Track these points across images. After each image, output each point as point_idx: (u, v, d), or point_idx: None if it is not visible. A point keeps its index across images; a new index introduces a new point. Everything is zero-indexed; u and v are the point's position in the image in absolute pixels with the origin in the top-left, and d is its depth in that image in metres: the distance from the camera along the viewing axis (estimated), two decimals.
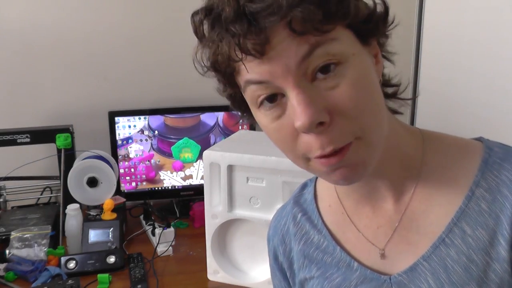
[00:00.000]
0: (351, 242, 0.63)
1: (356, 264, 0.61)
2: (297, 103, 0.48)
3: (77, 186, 1.45)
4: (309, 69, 0.49)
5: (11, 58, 1.64)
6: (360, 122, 0.50)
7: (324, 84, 0.49)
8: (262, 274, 1.23)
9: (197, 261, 1.35)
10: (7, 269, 1.27)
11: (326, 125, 0.49)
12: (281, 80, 0.49)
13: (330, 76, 0.49)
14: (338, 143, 0.50)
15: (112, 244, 1.38)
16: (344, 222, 0.64)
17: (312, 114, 0.48)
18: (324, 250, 0.65)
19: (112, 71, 1.73)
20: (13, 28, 1.62)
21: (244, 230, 1.23)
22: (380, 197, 0.61)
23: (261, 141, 1.26)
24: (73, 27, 1.66)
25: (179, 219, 1.62)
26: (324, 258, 0.65)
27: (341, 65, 0.49)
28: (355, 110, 0.49)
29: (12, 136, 1.48)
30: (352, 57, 0.50)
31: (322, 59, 0.48)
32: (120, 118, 1.61)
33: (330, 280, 0.63)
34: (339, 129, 0.49)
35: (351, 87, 0.49)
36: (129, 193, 1.66)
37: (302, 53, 0.48)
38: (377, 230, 0.61)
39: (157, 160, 1.66)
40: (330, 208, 0.67)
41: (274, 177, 1.13)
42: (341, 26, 0.49)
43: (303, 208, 0.69)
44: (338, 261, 0.63)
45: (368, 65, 0.52)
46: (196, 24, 0.54)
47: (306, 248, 0.67)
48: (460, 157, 0.59)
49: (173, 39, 1.74)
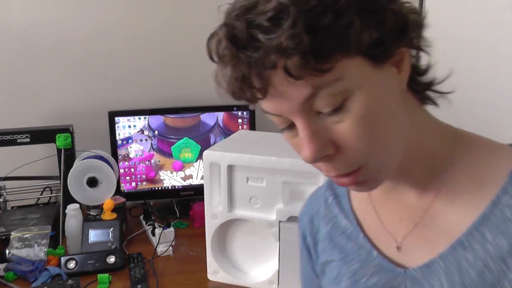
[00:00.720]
0: (372, 231, 0.64)
1: (376, 253, 0.62)
2: (302, 138, 0.51)
3: (77, 186, 1.45)
4: (313, 107, 0.49)
5: (11, 58, 1.64)
6: (364, 154, 0.51)
7: (329, 118, 0.50)
8: (262, 274, 1.23)
9: (197, 261, 1.35)
10: (7, 269, 1.27)
11: (330, 156, 0.51)
12: (288, 115, 0.51)
13: (335, 111, 0.49)
14: (344, 170, 0.52)
15: (112, 244, 1.38)
16: (369, 211, 0.65)
17: (315, 149, 0.50)
18: (349, 235, 0.66)
19: (112, 71, 1.73)
20: (13, 28, 1.62)
21: (244, 230, 1.23)
22: (404, 191, 0.61)
23: (261, 141, 1.26)
24: (73, 27, 1.66)
25: (179, 219, 1.62)
26: (347, 243, 0.66)
27: (347, 100, 0.49)
28: (357, 144, 0.50)
29: (12, 136, 1.48)
30: (358, 90, 0.49)
31: (325, 100, 0.48)
32: (120, 118, 1.61)
33: (349, 265, 0.65)
34: (343, 160, 0.51)
35: (354, 124, 0.49)
36: (129, 193, 1.66)
37: (304, 96, 0.48)
38: (399, 223, 0.62)
39: (157, 160, 1.66)
40: (358, 195, 0.68)
41: (274, 177, 1.13)
42: (345, 59, 0.48)
43: (335, 192, 0.71)
44: (360, 248, 0.64)
45: (379, 91, 0.51)
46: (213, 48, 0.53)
47: (332, 231, 0.68)
48: (491, 161, 0.57)
49: (173, 39, 1.74)
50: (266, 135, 1.34)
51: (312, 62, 0.45)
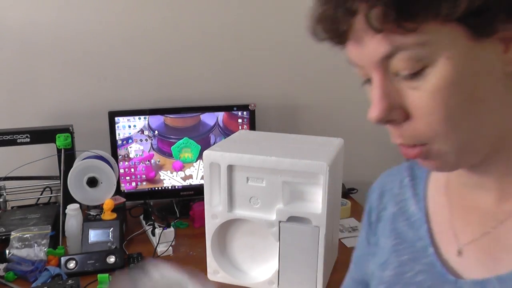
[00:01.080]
0: (438, 226, 0.59)
1: (432, 251, 0.57)
2: (373, 95, 0.48)
3: (77, 186, 1.45)
4: (391, 67, 0.46)
5: (11, 58, 1.64)
6: (433, 130, 0.46)
7: (405, 82, 0.46)
8: (262, 274, 1.23)
9: (197, 261, 1.34)
10: (7, 269, 1.27)
11: (398, 122, 0.48)
12: (367, 67, 0.48)
13: (413, 76, 0.45)
14: (409, 141, 0.49)
15: (112, 244, 1.38)
16: (442, 204, 0.60)
17: (382, 111, 0.47)
18: (412, 223, 0.61)
19: (112, 71, 1.72)
20: (13, 28, 1.62)
21: (244, 230, 1.23)
22: (482, 195, 0.54)
23: (261, 141, 1.26)
24: (73, 27, 1.66)
25: (179, 219, 1.62)
26: (407, 231, 0.61)
27: (428, 68, 0.44)
28: (428, 118, 0.46)
29: (12, 136, 1.48)
30: (444, 61, 0.43)
31: (403, 63, 0.44)
32: (120, 118, 1.61)
33: (398, 254, 0.61)
34: (411, 130, 0.48)
35: (429, 95, 0.45)
36: (129, 193, 1.66)
37: (382, 53, 0.45)
38: (466, 226, 0.56)
39: (157, 160, 1.66)
40: (437, 184, 0.62)
41: (274, 177, 1.13)
42: (434, 23, 0.42)
43: (414, 174, 0.65)
44: (418, 239, 0.59)
45: (470, 68, 0.44)
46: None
47: (398, 214, 0.64)
48: None
49: (174, 39, 1.74)
50: (266, 135, 1.34)
51: (393, 16, 0.42)
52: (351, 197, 1.83)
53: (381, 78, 0.47)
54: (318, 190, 1.10)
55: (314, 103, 1.93)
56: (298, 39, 1.87)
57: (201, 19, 1.75)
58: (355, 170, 1.87)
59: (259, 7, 1.79)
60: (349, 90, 1.94)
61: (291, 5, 1.82)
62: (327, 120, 1.95)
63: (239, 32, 1.79)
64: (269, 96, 1.87)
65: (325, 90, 1.92)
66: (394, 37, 0.43)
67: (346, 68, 0.53)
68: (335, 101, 1.95)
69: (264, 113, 1.83)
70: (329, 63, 1.89)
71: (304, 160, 1.09)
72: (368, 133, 2.00)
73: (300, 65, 1.88)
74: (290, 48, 1.85)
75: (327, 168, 1.07)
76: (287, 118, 1.92)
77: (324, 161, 1.08)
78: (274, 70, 1.86)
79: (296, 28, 1.86)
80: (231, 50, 1.79)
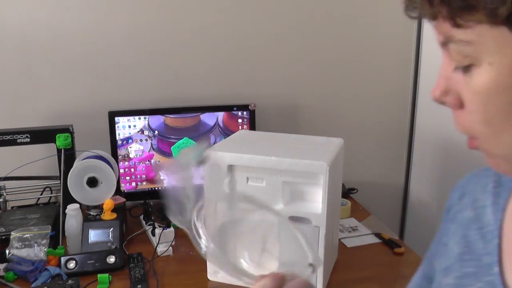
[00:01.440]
0: (509, 245, 0.55)
1: (497, 270, 0.53)
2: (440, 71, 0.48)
3: (77, 186, 1.45)
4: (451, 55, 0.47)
5: (11, 58, 1.64)
6: (476, 130, 0.46)
7: (461, 74, 0.46)
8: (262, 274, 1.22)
9: (197, 261, 1.34)
10: (7, 269, 1.27)
11: (451, 107, 0.48)
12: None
13: (464, 70, 0.45)
14: (461, 129, 0.48)
15: (112, 244, 1.38)
16: None
17: (437, 92, 0.48)
18: (484, 234, 0.57)
19: (112, 71, 1.72)
20: (12, 28, 1.62)
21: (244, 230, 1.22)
22: None
23: (261, 141, 1.26)
24: (73, 27, 1.66)
25: None
26: (477, 241, 0.58)
27: (474, 66, 0.44)
28: (471, 116, 0.46)
29: (12, 136, 1.48)
30: (487, 66, 0.42)
31: (455, 55, 0.45)
32: (120, 118, 1.61)
33: (462, 265, 0.58)
34: (461, 118, 0.48)
35: (472, 96, 0.45)
36: (129, 193, 1.66)
37: (440, 39, 0.46)
38: None
39: (157, 160, 1.66)
40: None
41: (274, 177, 1.13)
42: (485, 24, 0.41)
43: (500, 181, 0.61)
44: (486, 254, 0.56)
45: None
46: None
47: (473, 220, 0.61)
48: None
49: (174, 39, 1.74)
50: (266, 135, 1.34)
51: (445, 7, 0.42)
52: (351, 197, 1.83)
53: (446, 61, 0.47)
54: (318, 190, 1.10)
55: (314, 103, 1.93)
56: (298, 39, 1.88)
57: (201, 19, 1.75)
58: (355, 170, 1.88)
59: (259, 7, 1.79)
60: (349, 90, 1.95)
61: (291, 5, 1.82)
62: (327, 120, 1.95)
63: (239, 32, 1.79)
64: (269, 96, 1.87)
65: (325, 90, 1.92)
66: (445, 27, 0.44)
67: (346, 68, 0.53)
68: (335, 101, 1.95)
69: (264, 113, 1.83)
70: (329, 63, 1.90)
71: (304, 160, 1.09)
72: (368, 133, 2.00)
73: (300, 65, 1.88)
74: (290, 48, 1.85)
75: (327, 168, 1.07)
76: (287, 118, 1.92)
77: (324, 161, 1.08)
78: (274, 70, 1.86)
79: (297, 28, 1.87)
80: (231, 50, 1.79)
